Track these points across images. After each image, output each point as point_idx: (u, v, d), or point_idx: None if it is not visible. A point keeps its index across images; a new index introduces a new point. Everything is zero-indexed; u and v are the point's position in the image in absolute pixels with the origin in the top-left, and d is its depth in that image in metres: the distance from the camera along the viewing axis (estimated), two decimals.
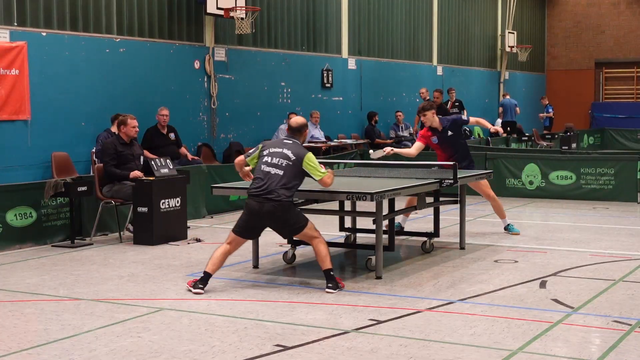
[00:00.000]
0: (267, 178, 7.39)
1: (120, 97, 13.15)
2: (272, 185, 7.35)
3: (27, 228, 9.97)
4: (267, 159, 7.49)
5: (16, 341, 5.96)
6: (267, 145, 7.66)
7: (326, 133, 17.52)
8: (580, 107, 29.98)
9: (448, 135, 10.21)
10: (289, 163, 7.42)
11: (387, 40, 20.71)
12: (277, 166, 7.42)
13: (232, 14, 14.63)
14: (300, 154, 7.46)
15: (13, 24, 11.65)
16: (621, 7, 29.68)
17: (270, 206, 7.34)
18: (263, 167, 7.47)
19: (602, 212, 12.83)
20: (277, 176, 7.38)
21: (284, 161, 7.43)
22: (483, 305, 6.93)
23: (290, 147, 7.52)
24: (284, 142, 7.63)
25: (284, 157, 7.46)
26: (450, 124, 10.25)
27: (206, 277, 7.49)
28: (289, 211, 7.43)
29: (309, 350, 5.67)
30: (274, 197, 7.33)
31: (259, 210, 7.38)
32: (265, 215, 7.39)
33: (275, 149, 7.53)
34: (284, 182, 7.37)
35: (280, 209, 7.35)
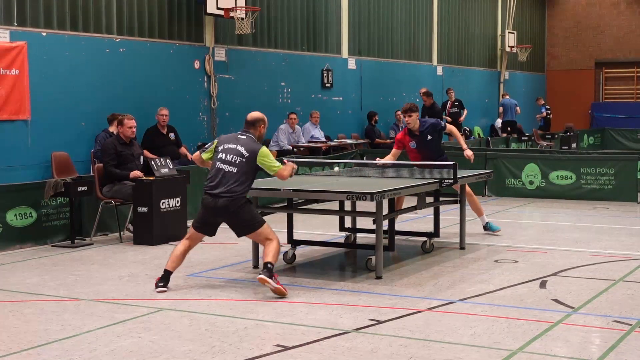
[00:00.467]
0: (221, 175, 7.41)
1: (120, 97, 13.15)
2: (224, 182, 7.37)
3: (27, 228, 9.98)
4: (222, 155, 7.49)
5: (16, 341, 5.96)
6: (222, 141, 7.62)
7: (326, 133, 17.52)
8: (580, 107, 29.98)
9: (427, 139, 10.06)
10: (242, 160, 7.41)
11: (387, 40, 20.71)
12: (230, 163, 7.42)
13: (232, 14, 14.63)
14: (253, 150, 7.44)
15: (13, 24, 11.65)
16: (621, 7, 29.68)
17: (224, 202, 7.34)
18: (217, 164, 7.47)
19: (602, 212, 12.83)
20: (231, 173, 7.39)
21: (237, 158, 7.42)
22: (483, 305, 6.93)
23: (244, 143, 7.48)
24: (238, 137, 7.57)
25: (238, 153, 7.44)
26: (430, 128, 10.08)
27: (167, 275, 7.57)
28: (243, 207, 7.42)
29: (309, 350, 5.67)
30: (227, 195, 7.34)
31: (213, 205, 7.41)
32: (219, 211, 7.40)
33: (229, 145, 7.51)
34: (236, 179, 7.37)
35: (233, 205, 7.34)
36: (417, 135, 10.08)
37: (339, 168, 9.98)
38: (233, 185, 7.36)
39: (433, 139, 10.11)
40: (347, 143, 17.51)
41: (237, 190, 7.36)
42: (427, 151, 10.06)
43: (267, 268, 7.26)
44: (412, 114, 10.02)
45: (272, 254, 7.34)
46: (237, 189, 7.37)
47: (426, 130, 10.07)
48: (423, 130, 10.07)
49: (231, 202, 7.34)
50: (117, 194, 10.35)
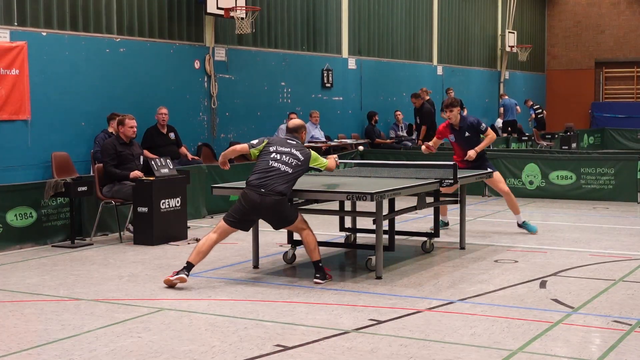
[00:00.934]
0: (274, 173, 7.64)
1: (120, 97, 13.15)
2: (277, 180, 7.60)
3: (27, 228, 9.98)
4: (276, 155, 7.74)
5: (16, 341, 5.97)
6: (274, 143, 7.89)
7: (326, 133, 17.52)
8: (580, 106, 29.99)
9: (465, 135, 10.37)
10: (298, 163, 7.73)
11: (387, 40, 20.71)
12: (286, 164, 7.70)
13: (232, 14, 14.63)
14: (307, 155, 7.84)
15: (13, 24, 11.65)
16: (621, 7, 29.69)
17: (272, 200, 7.55)
18: (271, 162, 7.70)
19: (602, 212, 12.83)
20: (285, 173, 7.65)
21: (293, 160, 7.73)
22: (483, 305, 6.93)
23: (297, 148, 7.84)
24: (289, 142, 7.90)
25: (294, 156, 7.76)
26: (469, 126, 10.37)
27: (189, 266, 7.66)
28: (286, 205, 7.72)
29: (309, 350, 5.67)
30: (276, 192, 7.55)
31: (260, 203, 7.57)
32: (265, 209, 7.61)
33: (283, 148, 7.81)
34: (288, 180, 7.66)
35: (280, 204, 7.59)
36: (457, 130, 10.41)
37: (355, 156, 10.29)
38: (284, 185, 7.61)
39: (471, 136, 10.38)
40: (347, 143, 17.52)
41: (283, 191, 7.60)
42: (465, 147, 10.34)
43: (318, 269, 7.79)
44: (452, 109, 10.35)
45: (316, 252, 7.80)
46: (287, 190, 7.63)
47: (465, 127, 10.36)
48: (462, 127, 10.37)
49: (278, 202, 7.58)
50: (117, 194, 10.35)
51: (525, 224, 10.69)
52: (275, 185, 7.57)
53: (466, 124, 10.37)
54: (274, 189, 7.56)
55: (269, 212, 7.65)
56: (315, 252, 7.80)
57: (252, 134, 16.09)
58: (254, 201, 7.59)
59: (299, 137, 8.03)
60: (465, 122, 10.40)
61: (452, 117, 10.35)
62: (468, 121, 10.43)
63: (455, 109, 10.34)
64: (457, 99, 10.75)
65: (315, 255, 7.80)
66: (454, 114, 10.33)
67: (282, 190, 7.58)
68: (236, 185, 9.06)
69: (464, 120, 10.40)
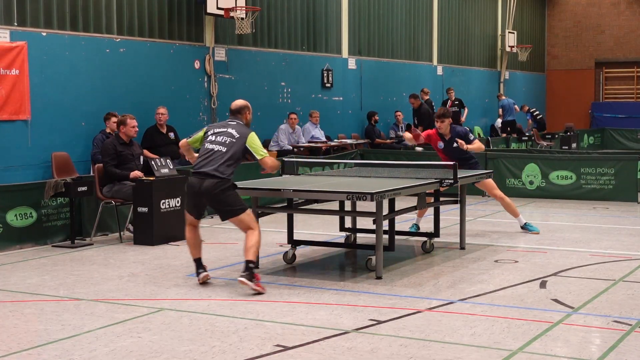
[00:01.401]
0: (211, 154, 7.58)
1: (120, 97, 13.15)
2: (214, 161, 7.52)
3: (27, 228, 9.98)
4: (212, 137, 7.70)
5: (16, 341, 5.97)
6: (212, 127, 7.88)
7: (326, 133, 17.52)
8: (580, 106, 29.99)
9: (453, 145, 10.38)
10: (233, 140, 7.60)
11: (387, 40, 20.71)
12: (221, 144, 7.62)
13: (232, 14, 14.63)
14: (244, 133, 7.68)
15: (13, 24, 11.65)
16: (621, 7, 29.68)
17: (209, 183, 7.45)
18: (207, 145, 7.65)
19: (602, 212, 12.83)
20: (220, 152, 7.57)
21: (228, 139, 7.62)
22: (483, 305, 6.93)
23: (234, 127, 7.73)
24: (228, 122, 7.86)
25: (228, 135, 7.65)
26: (457, 135, 10.38)
27: (198, 262, 7.78)
28: (227, 190, 7.51)
29: (309, 351, 5.67)
30: (215, 174, 7.45)
31: (199, 187, 7.52)
32: (204, 192, 7.49)
33: (219, 129, 7.74)
34: (227, 159, 7.52)
35: (219, 186, 7.44)
36: (446, 140, 10.45)
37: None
38: (222, 165, 7.48)
39: (459, 147, 10.35)
40: (347, 143, 17.51)
41: (225, 172, 7.47)
42: (452, 157, 10.31)
43: (248, 269, 7.34)
44: (444, 119, 10.39)
45: (252, 250, 7.41)
46: (226, 170, 7.48)
47: (453, 137, 10.40)
48: (451, 136, 10.42)
49: (217, 183, 7.43)
50: (117, 194, 10.35)
51: (527, 225, 10.70)
52: (213, 166, 7.47)
53: (455, 134, 10.41)
54: (211, 170, 7.45)
55: (209, 196, 7.49)
56: (251, 251, 7.41)
57: None
58: (194, 186, 7.54)
59: (242, 117, 7.89)
60: (455, 132, 10.44)
61: (442, 128, 10.39)
62: (457, 131, 10.49)
63: (447, 120, 10.37)
64: (449, 110, 10.79)
65: (250, 255, 7.40)
66: (444, 124, 10.36)
67: (221, 171, 7.44)
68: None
69: (454, 130, 10.45)
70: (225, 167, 7.50)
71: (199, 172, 7.54)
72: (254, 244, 7.45)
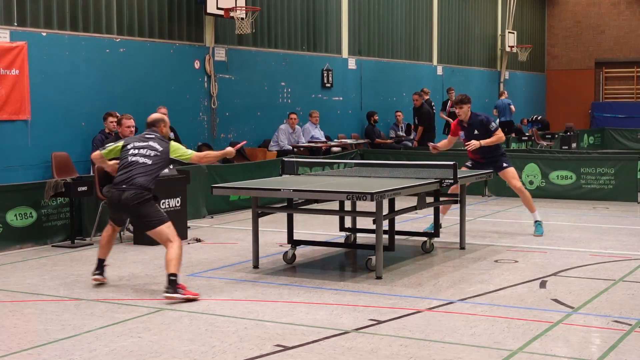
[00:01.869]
0: (134, 166, 7.50)
1: (121, 97, 13.16)
2: (137, 172, 7.44)
3: (27, 228, 9.98)
4: (134, 150, 7.60)
5: (16, 341, 5.97)
6: (131, 140, 7.80)
7: (326, 133, 17.52)
8: (580, 106, 29.99)
9: (474, 133, 10.30)
10: (157, 154, 7.58)
11: (387, 40, 20.71)
12: (144, 156, 7.55)
13: (232, 14, 14.64)
14: (165, 145, 7.66)
15: (13, 24, 11.65)
16: (621, 7, 29.69)
17: (128, 194, 7.37)
18: (130, 157, 7.56)
19: (602, 211, 12.83)
20: (142, 165, 7.49)
21: (151, 152, 7.58)
22: (483, 305, 6.93)
23: (155, 140, 7.67)
24: (146, 136, 7.73)
25: (151, 148, 7.60)
26: (478, 123, 10.32)
27: (100, 262, 7.84)
28: (145, 203, 7.39)
29: (309, 351, 5.67)
30: (137, 185, 7.38)
31: (118, 199, 7.47)
32: (124, 205, 7.43)
33: (139, 143, 7.65)
34: (148, 171, 7.46)
35: (136, 198, 7.35)
36: (466, 127, 10.36)
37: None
38: (145, 177, 7.42)
39: (479, 134, 10.28)
40: (347, 143, 17.51)
41: (145, 185, 7.40)
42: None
43: (170, 282, 7.12)
44: (462, 105, 10.32)
45: (172, 263, 7.17)
46: (145, 183, 7.40)
47: (474, 124, 10.31)
48: (471, 124, 10.32)
49: (136, 195, 7.35)
50: None
51: (537, 224, 10.55)
52: (136, 177, 7.40)
53: (476, 121, 10.31)
54: (134, 182, 7.38)
55: (128, 208, 7.41)
56: (171, 264, 7.15)
57: (252, 134, 16.12)
58: (114, 198, 7.49)
59: (158, 130, 7.79)
60: (475, 119, 10.33)
61: (462, 114, 10.30)
62: (478, 118, 10.36)
63: (466, 106, 10.29)
64: (468, 96, 10.62)
65: (170, 268, 7.15)
66: (463, 110, 10.28)
67: (142, 183, 7.38)
68: (236, 186, 9.07)
69: (474, 118, 10.34)
70: (145, 179, 7.43)
71: (118, 184, 7.48)
72: (174, 256, 7.20)
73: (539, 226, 10.55)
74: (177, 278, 7.14)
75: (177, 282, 7.13)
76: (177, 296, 7.06)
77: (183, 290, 7.13)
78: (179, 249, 7.28)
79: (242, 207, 12.93)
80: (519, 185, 10.45)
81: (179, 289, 7.10)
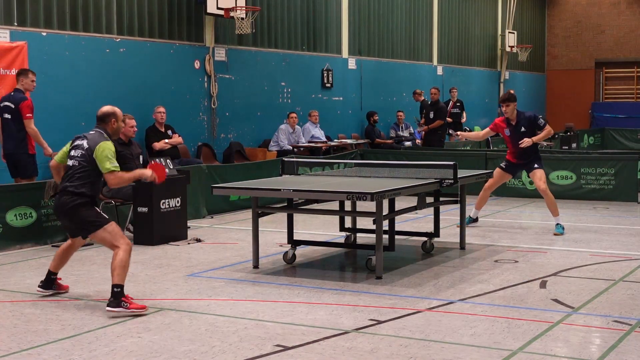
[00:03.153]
0: (69, 171, 6.98)
1: (121, 97, 13.14)
2: (70, 178, 6.93)
3: (27, 228, 9.98)
4: (72, 152, 7.05)
5: (16, 341, 5.97)
6: (74, 139, 7.18)
7: (326, 133, 17.52)
8: (580, 107, 29.99)
9: (521, 130, 10.34)
10: (83, 152, 6.94)
11: (388, 40, 20.71)
12: (74, 157, 7.00)
13: (232, 14, 14.64)
14: (93, 143, 6.94)
15: (13, 24, 11.66)
16: (621, 7, 29.68)
17: (63, 199, 6.90)
18: (68, 161, 7.06)
19: (602, 212, 12.83)
20: (74, 168, 6.94)
21: (79, 152, 6.97)
22: (483, 305, 6.93)
23: (90, 138, 7.02)
24: (87, 134, 7.12)
25: (81, 147, 6.99)
26: (526, 120, 10.35)
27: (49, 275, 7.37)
28: (82, 206, 6.86)
29: (309, 351, 5.67)
30: (64, 191, 6.91)
31: (57, 206, 7.02)
32: (59, 210, 6.99)
33: (77, 142, 7.08)
34: (76, 174, 6.90)
35: (71, 202, 6.85)
36: (513, 125, 10.39)
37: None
38: (75, 180, 6.86)
39: (527, 132, 10.33)
40: (347, 143, 17.52)
41: (79, 188, 6.84)
42: (518, 142, 10.30)
43: (113, 295, 6.62)
44: (509, 103, 10.34)
45: (116, 272, 6.65)
46: (80, 186, 6.85)
47: (521, 122, 10.35)
48: (519, 122, 10.35)
49: (69, 199, 6.84)
50: (117, 194, 10.35)
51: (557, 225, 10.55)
52: (67, 183, 6.88)
53: (523, 119, 10.37)
54: (65, 187, 6.88)
55: (65, 214, 6.92)
56: (115, 273, 6.65)
57: (252, 134, 16.12)
58: (55, 206, 7.06)
59: (107, 126, 7.10)
60: (523, 116, 10.39)
61: (509, 112, 10.36)
62: (525, 115, 10.43)
63: (512, 104, 10.32)
64: (514, 94, 10.66)
65: (115, 278, 6.64)
66: (510, 108, 10.33)
67: (75, 186, 6.82)
68: (236, 186, 9.07)
69: (521, 115, 10.40)
70: (79, 182, 6.85)
71: (59, 191, 7.01)
72: (117, 265, 6.66)
73: (559, 227, 10.52)
74: (121, 290, 6.63)
75: (121, 294, 6.62)
76: (120, 310, 6.57)
77: (128, 304, 6.61)
78: (125, 255, 6.72)
79: (242, 207, 12.93)
80: (543, 187, 10.46)
81: (123, 302, 6.59)
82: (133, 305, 6.64)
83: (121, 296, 6.63)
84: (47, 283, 7.40)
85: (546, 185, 10.50)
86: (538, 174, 10.48)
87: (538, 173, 10.48)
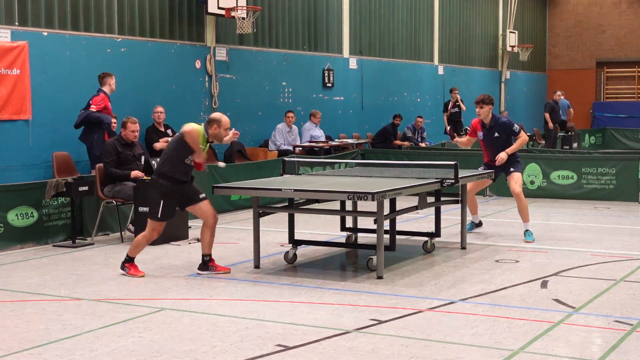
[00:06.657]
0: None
1: (121, 97, 13.13)
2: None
3: (28, 228, 9.98)
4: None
5: (17, 341, 5.97)
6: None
7: (327, 133, 17.51)
8: (581, 106, 29.95)
9: (494, 135, 10.16)
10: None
11: (388, 40, 20.70)
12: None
13: (233, 14, 14.63)
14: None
15: (14, 24, 11.66)
16: (622, 7, 29.67)
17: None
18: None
19: (604, 211, 12.83)
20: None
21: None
22: (484, 305, 6.93)
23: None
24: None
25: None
26: (499, 126, 10.15)
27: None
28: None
29: (310, 350, 5.67)
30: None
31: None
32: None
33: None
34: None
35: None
36: (487, 129, 10.21)
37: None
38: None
39: (500, 137, 10.15)
40: (348, 143, 17.50)
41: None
42: (493, 147, 10.15)
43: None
44: (484, 105, 10.16)
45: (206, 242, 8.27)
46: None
47: (495, 127, 10.16)
48: (492, 126, 10.18)
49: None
50: (118, 194, 10.35)
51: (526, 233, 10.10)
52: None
53: (497, 124, 10.15)
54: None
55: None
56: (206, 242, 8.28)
57: (253, 133, 16.12)
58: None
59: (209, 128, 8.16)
60: (497, 121, 10.18)
61: (482, 114, 10.15)
62: (500, 121, 10.22)
63: (487, 107, 10.11)
64: (490, 97, 10.39)
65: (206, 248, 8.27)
66: (484, 110, 10.11)
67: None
68: (237, 185, 9.07)
69: (495, 119, 10.19)
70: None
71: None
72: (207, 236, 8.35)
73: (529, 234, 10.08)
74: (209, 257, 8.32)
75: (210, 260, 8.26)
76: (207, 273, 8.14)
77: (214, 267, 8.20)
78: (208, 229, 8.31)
79: (243, 206, 12.93)
80: (518, 190, 10.08)
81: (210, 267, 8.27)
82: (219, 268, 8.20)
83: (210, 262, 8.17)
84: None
85: (521, 189, 10.14)
86: (515, 177, 10.19)
87: (515, 176, 10.18)
